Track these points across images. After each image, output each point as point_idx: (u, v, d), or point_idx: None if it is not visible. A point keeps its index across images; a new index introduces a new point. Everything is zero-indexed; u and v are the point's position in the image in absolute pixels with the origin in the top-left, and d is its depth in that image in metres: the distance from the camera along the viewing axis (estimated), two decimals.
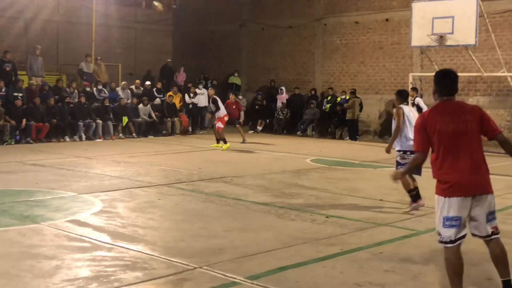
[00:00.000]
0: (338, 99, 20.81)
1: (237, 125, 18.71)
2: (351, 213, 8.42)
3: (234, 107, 18.51)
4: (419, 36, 16.69)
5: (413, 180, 8.59)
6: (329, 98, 21.23)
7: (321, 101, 21.68)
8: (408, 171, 5.05)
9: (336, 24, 22.02)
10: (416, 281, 5.54)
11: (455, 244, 4.71)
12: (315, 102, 21.59)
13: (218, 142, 16.80)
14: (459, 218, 4.68)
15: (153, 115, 20.52)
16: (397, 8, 20.23)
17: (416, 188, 8.62)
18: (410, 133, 8.48)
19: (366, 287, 5.31)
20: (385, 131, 19.95)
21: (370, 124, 20.78)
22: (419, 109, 15.70)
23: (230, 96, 18.95)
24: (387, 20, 20.63)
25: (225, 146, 16.41)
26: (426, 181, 8.65)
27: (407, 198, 8.78)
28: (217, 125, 16.82)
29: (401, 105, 8.81)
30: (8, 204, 8.56)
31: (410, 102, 16.98)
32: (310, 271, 5.76)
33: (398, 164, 8.61)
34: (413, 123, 8.36)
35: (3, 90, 17.76)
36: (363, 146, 18.39)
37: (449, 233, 4.70)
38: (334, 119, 20.79)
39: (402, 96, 9.03)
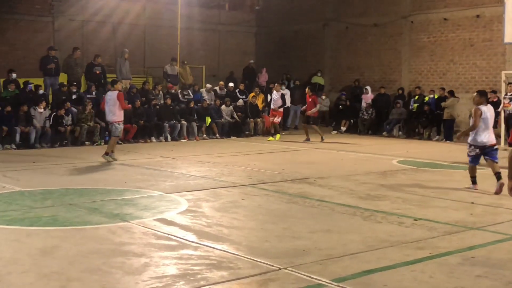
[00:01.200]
0: (426, 98, 20.25)
1: (313, 125, 18.91)
2: (441, 216, 8.12)
3: (310, 100, 18.84)
4: None
5: (496, 162, 9.79)
6: (416, 97, 20.70)
7: (408, 101, 21.18)
8: None
9: (424, 21, 21.46)
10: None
11: None
12: (401, 101, 21.09)
13: (273, 134, 19.21)
14: None
15: (235, 115, 20.70)
16: (488, 4, 19.48)
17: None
18: (481, 131, 9.60)
19: None
20: None
21: (460, 124, 20.01)
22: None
23: (306, 90, 19.34)
24: (477, 16, 19.90)
25: (278, 136, 19.17)
26: None
27: (498, 201, 9.12)
28: (276, 118, 19.19)
29: (480, 106, 9.68)
30: (98, 203, 8.84)
31: (502, 97, 17.33)
32: (398, 275, 5.59)
33: (468, 155, 9.96)
34: (489, 123, 9.67)
35: (94, 93, 18.44)
36: (452, 147, 17.75)
37: None
38: (421, 119, 20.24)
39: (483, 96, 9.86)
